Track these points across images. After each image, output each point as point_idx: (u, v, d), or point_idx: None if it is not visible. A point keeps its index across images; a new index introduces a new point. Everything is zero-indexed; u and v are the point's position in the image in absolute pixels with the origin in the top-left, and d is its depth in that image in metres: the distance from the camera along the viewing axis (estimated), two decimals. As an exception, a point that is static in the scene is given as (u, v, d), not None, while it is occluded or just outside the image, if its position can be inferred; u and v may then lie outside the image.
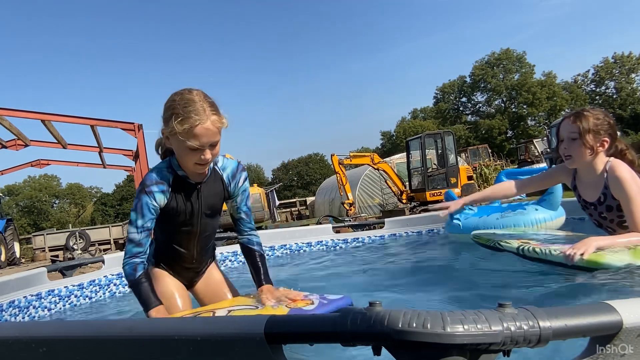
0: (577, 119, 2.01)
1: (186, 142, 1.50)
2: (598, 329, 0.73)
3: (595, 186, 2.08)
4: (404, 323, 0.69)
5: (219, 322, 0.88)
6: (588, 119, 1.99)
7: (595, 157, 2.02)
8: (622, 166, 1.98)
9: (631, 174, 1.95)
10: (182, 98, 1.53)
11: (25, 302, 2.62)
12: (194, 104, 1.51)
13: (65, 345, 0.94)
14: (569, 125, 2.03)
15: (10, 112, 8.85)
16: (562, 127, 2.08)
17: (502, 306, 0.72)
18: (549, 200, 3.00)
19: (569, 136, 2.02)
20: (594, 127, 1.99)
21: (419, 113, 54.33)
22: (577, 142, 2.00)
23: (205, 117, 1.50)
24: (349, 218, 11.57)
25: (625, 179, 1.93)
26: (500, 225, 2.99)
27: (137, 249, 1.61)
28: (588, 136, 1.98)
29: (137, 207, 1.60)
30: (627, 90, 43.76)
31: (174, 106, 1.53)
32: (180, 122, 1.48)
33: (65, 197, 51.40)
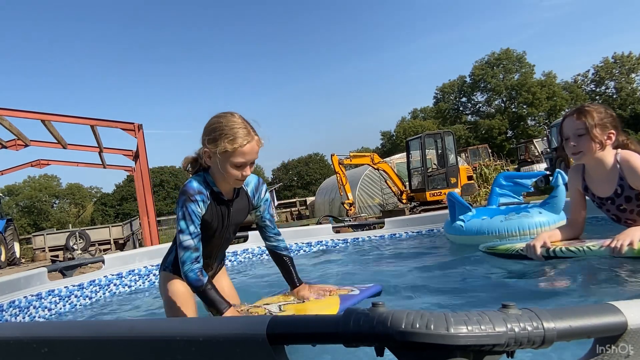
0: (581, 115, 2.01)
1: (233, 159, 1.69)
2: (602, 330, 0.73)
3: (609, 180, 2.08)
4: (407, 324, 0.68)
5: (221, 323, 0.87)
6: (592, 114, 2.00)
7: (604, 151, 2.02)
8: (634, 155, 1.98)
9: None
10: (228, 120, 1.72)
11: (26, 302, 2.61)
12: (240, 125, 1.72)
13: (66, 346, 0.94)
14: (573, 122, 2.03)
15: (10, 112, 8.84)
16: (566, 125, 2.07)
17: (505, 307, 0.71)
18: (552, 204, 2.98)
19: (575, 133, 2.02)
20: (599, 121, 2.00)
21: (419, 113, 54.35)
22: (585, 137, 2.00)
23: (251, 137, 1.72)
24: (349, 218, 11.57)
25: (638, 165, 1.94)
26: (504, 228, 2.95)
27: (195, 254, 1.72)
28: (595, 130, 1.98)
29: (185, 215, 1.72)
30: (627, 90, 43.77)
31: (221, 127, 1.70)
32: (230, 141, 1.68)
33: (65, 197, 51.39)
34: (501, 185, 3.38)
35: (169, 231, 25.35)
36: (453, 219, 3.23)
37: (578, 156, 2.05)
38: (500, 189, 3.38)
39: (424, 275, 2.59)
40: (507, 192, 3.36)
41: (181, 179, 45.39)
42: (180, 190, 1.76)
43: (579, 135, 2.01)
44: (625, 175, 1.99)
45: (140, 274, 3.33)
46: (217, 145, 1.69)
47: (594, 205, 2.27)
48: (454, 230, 3.24)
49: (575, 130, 2.02)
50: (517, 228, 2.93)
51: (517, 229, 2.93)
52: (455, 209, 3.22)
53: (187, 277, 1.71)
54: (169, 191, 46.26)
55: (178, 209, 1.75)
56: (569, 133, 2.05)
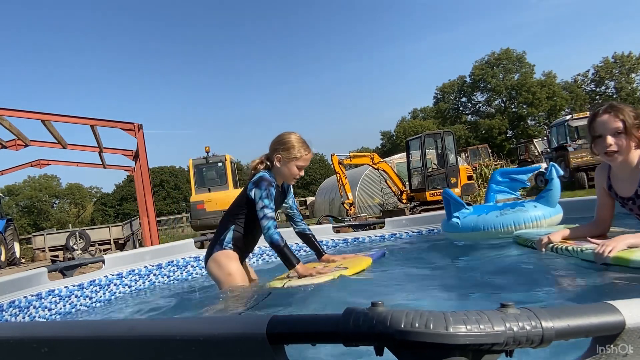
0: (618, 112, 1.96)
1: (299, 163, 2.49)
2: (600, 330, 0.73)
3: (631, 180, 2.06)
4: (406, 323, 0.69)
5: (221, 322, 0.88)
6: (629, 112, 1.96)
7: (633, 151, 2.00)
8: None
9: None
10: (297, 138, 2.52)
11: (26, 302, 2.62)
12: (304, 142, 2.53)
13: (67, 346, 0.94)
14: (611, 119, 1.97)
15: (10, 112, 8.84)
16: (600, 124, 2.00)
17: (504, 306, 0.72)
18: (547, 197, 2.99)
19: (613, 131, 1.96)
20: (635, 119, 1.97)
21: (419, 113, 54.33)
22: (623, 136, 1.95)
23: (309, 150, 2.53)
24: (349, 218, 11.57)
25: None
26: (500, 223, 2.96)
27: (274, 222, 2.36)
28: (632, 129, 1.94)
29: (268, 195, 2.37)
30: (627, 90, 43.74)
31: (292, 142, 2.49)
32: (299, 151, 2.47)
33: (65, 197, 51.37)
34: (497, 181, 3.38)
35: (169, 231, 25.38)
36: (449, 216, 3.23)
37: (615, 156, 1.99)
38: (497, 185, 3.38)
39: (424, 274, 2.59)
40: (503, 189, 3.36)
41: (181, 178, 45.42)
42: (259, 178, 2.41)
43: (618, 133, 1.96)
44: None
45: (140, 274, 3.33)
46: (290, 153, 2.46)
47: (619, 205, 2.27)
48: (450, 227, 3.24)
49: (614, 129, 1.96)
50: (512, 223, 2.93)
51: (513, 224, 2.93)
52: (450, 206, 3.23)
53: (272, 238, 2.31)
54: (168, 191, 46.24)
55: (261, 191, 2.37)
56: (606, 131, 1.98)
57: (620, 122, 1.95)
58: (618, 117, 1.95)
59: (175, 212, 39.48)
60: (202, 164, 13.29)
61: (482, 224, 3.03)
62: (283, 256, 2.32)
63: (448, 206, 3.24)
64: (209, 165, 13.33)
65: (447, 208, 3.27)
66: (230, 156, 13.60)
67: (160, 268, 3.45)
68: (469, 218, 3.14)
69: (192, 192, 13.13)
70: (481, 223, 3.04)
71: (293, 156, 2.46)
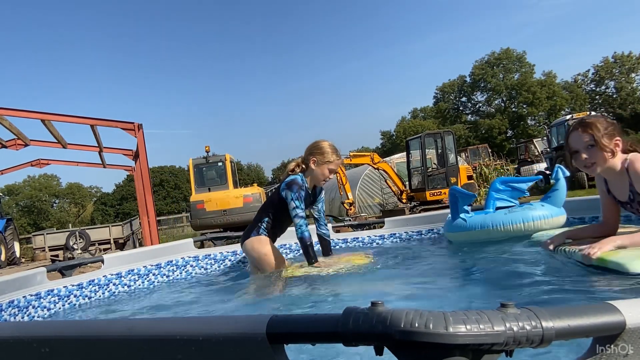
0: (586, 127, 2.04)
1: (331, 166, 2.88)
2: (601, 330, 0.73)
3: (622, 185, 2.11)
4: (406, 323, 0.69)
5: (221, 322, 0.87)
6: (597, 125, 2.03)
7: (614, 158, 2.05)
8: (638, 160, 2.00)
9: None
10: (330, 145, 2.92)
11: (25, 301, 2.61)
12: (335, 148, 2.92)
13: (66, 345, 0.94)
14: (581, 135, 2.05)
15: (10, 112, 8.83)
16: (573, 139, 2.10)
17: (504, 306, 0.72)
18: (554, 197, 2.99)
19: (585, 145, 2.04)
20: (605, 130, 2.02)
21: (419, 113, 54.31)
22: (595, 149, 2.02)
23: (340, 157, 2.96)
24: (348, 218, 11.56)
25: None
26: (508, 221, 2.96)
27: (305, 221, 2.75)
28: (604, 140, 2.01)
29: (299, 197, 2.75)
30: (627, 89, 43.73)
31: (326, 148, 2.89)
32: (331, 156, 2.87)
33: (65, 197, 51.34)
34: (498, 190, 3.36)
35: (169, 231, 25.36)
36: (454, 215, 3.19)
37: (592, 168, 2.07)
38: (497, 193, 3.37)
39: (423, 274, 2.59)
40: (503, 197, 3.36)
41: (181, 178, 45.41)
42: (292, 181, 2.78)
43: (590, 146, 2.04)
44: (632, 180, 2.02)
45: (139, 274, 3.33)
46: (324, 157, 2.86)
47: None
48: (455, 227, 3.20)
49: (585, 143, 2.04)
50: (520, 220, 2.93)
51: (521, 221, 2.93)
52: (457, 205, 3.18)
53: (303, 235, 2.71)
54: (168, 191, 46.23)
55: (293, 193, 2.75)
56: (579, 146, 2.07)
57: (589, 136, 2.02)
58: (587, 131, 2.03)
59: (175, 211, 39.47)
60: (202, 164, 13.27)
61: (490, 222, 3.02)
62: (306, 252, 2.74)
63: (454, 204, 3.19)
64: (209, 165, 13.32)
65: (452, 207, 3.22)
66: (230, 156, 13.59)
67: (159, 268, 3.44)
68: (476, 216, 3.12)
69: (192, 192, 13.11)
70: (489, 221, 3.03)
71: (327, 160, 2.87)
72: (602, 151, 2.02)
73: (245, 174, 48.28)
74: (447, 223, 3.40)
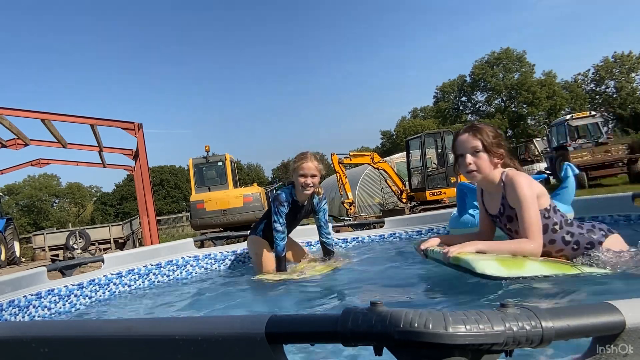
0: (477, 132, 2.01)
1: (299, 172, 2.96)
2: (600, 329, 0.73)
3: (496, 198, 2.08)
4: (405, 323, 0.69)
5: (220, 322, 0.87)
6: (487, 132, 2.01)
7: (496, 169, 2.03)
8: (519, 174, 1.99)
9: (528, 181, 1.96)
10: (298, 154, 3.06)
11: (25, 301, 2.61)
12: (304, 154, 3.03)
13: (66, 345, 0.94)
14: (470, 139, 2.02)
15: (10, 112, 8.84)
16: (460, 143, 2.05)
17: (504, 306, 0.72)
18: (563, 195, 2.95)
19: (472, 150, 2.01)
20: (494, 139, 2.01)
21: (419, 112, 54.32)
22: (482, 154, 1.99)
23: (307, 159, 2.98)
24: (348, 217, 11.56)
25: (520, 183, 1.93)
26: None
27: (282, 235, 2.99)
28: (492, 148, 1.99)
29: (278, 212, 2.99)
30: (627, 89, 43.69)
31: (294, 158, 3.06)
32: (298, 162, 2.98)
33: (65, 197, 51.34)
34: None
35: (169, 230, 25.36)
36: (461, 212, 3.13)
37: (474, 174, 2.03)
38: None
39: (423, 274, 2.59)
40: None
41: (181, 178, 45.45)
42: (274, 197, 3.04)
43: (476, 152, 2.00)
44: (506, 193, 1.99)
45: (140, 274, 3.33)
46: (293, 168, 3.03)
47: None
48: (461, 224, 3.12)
49: (472, 148, 2.00)
50: None
51: None
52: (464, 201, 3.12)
53: (277, 246, 2.98)
54: (168, 190, 46.23)
55: (273, 208, 3.01)
56: (465, 150, 2.02)
57: (478, 141, 1.99)
58: (476, 136, 1.99)
59: (175, 211, 39.48)
60: (202, 164, 13.26)
61: None
62: (278, 262, 3.01)
63: (462, 200, 3.13)
64: (209, 165, 13.31)
65: (460, 202, 3.16)
66: (230, 155, 13.58)
67: (159, 267, 3.44)
68: None
69: (192, 192, 13.10)
70: None
71: (293, 169, 3.04)
72: (488, 158, 1.99)
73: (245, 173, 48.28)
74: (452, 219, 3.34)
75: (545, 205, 1.99)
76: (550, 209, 2.00)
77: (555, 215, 2.01)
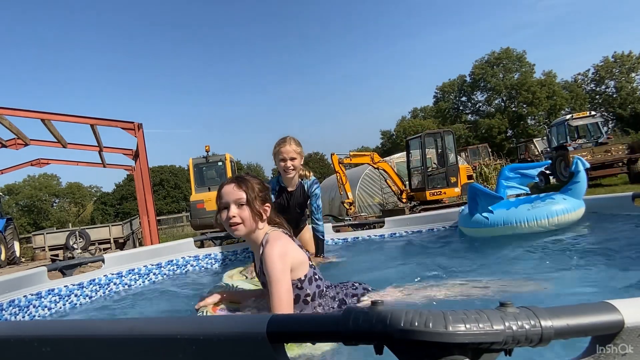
0: (242, 184, 1.90)
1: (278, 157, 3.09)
2: (599, 329, 0.73)
3: (257, 257, 1.95)
4: (406, 322, 0.69)
5: (221, 322, 0.88)
6: (253, 184, 1.92)
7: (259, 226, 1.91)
8: (276, 242, 1.83)
9: (283, 250, 1.80)
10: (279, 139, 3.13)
11: (25, 301, 2.62)
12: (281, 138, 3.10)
13: (67, 345, 0.94)
14: (234, 190, 1.90)
15: (10, 111, 8.83)
16: (225, 193, 1.92)
17: (503, 305, 0.72)
18: (574, 189, 2.94)
19: (236, 202, 1.88)
20: (259, 192, 1.92)
21: (419, 112, 54.30)
22: (245, 208, 1.88)
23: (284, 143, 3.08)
24: (349, 217, 11.56)
25: (272, 256, 1.77)
26: (532, 217, 2.89)
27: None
28: (256, 202, 1.89)
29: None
30: (627, 89, 43.68)
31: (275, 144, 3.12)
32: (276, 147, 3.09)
33: (65, 196, 51.32)
34: (507, 177, 3.32)
35: (169, 230, 25.35)
36: (472, 212, 3.13)
37: (237, 227, 1.89)
38: (506, 181, 3.31)
39: (423, 273, 2.60)
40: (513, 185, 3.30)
41: (181, 178, 45.44)
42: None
43: (240, 205, 1.88)
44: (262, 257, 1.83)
45: (140, 273, 3.33)
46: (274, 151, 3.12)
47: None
48: (473, 223, 3.13)
49: (237, 200, 1.88)
50: (545, 216, 2.87)
51: (546, 217, 2.87)
52: (476, 202, 3.12)
53: None
54: (168, 190, 46.22)
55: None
56: (229, 201, 1.89)
57: (243, 193, 1.88)
58: (241, 187, 1.89)
59: (175, 211, 39.48)
60: (202, 163, 13.27)
61: (514, 218, 2.93)
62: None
63: (473, 201, 3.15)
64: (209, 165, 13.32)
65: (471, 203, 3.18)
66: (230, 155, 13.59)
67: (159, 267, 3.45)
68: (499, 213, 3.03)
69: (192, 192, 13.12)
70: (512, 217, 2.94)
71: (274, 154, 3.15)
72: (252, 213, 1.88)
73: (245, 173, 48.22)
74: (463, 217, 3.32)
75: (300, 275, 1.85)
76: (305, 280, 1.86)
77: (310, 287, 1.87)
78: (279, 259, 1.77)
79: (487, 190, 3.14)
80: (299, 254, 1.89)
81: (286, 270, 1.76)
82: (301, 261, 1.87)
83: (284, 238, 1.89)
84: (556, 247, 2.71)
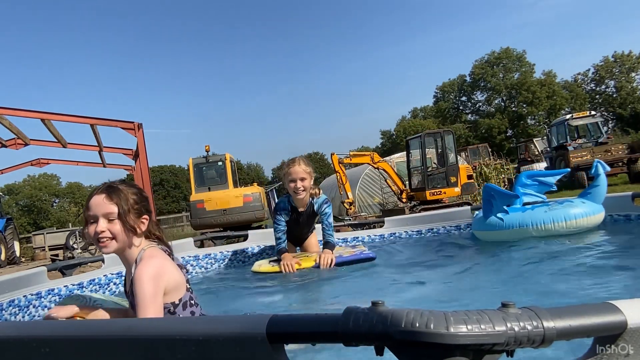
0: (113, 195, 1.67)
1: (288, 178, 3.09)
2: (602, 329, 0.73)
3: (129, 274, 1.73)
4: (407, 323, 0.68)
5: (221, 322, 0.87)
6: (127, 195, 1.69)
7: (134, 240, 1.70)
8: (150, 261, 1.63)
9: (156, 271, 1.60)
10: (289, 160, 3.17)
11: (25, 301, 2.61)
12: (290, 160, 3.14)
13: (66, 345, 0.94)
14: (104, 202, 1.65)
15: (10, 111, 8.83)
16: (94, 204, 1.67)
17: (505, 306, 0.71)
18: (594, 193, 2.85)
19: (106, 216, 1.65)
20: (134, 204, 1.69)
21: (419, 112, 54.32)
22: (117, 222, 1.65)
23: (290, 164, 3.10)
24: (348, 217, 11.55)
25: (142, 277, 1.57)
26: (550, 219, 2.82)
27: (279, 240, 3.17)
28: (130, 216, 1.66)
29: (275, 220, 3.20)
30: (627, 89, 43.68)
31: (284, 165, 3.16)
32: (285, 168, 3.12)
33: (65, 196, 51.34)
34: (524, 184, 3.23)
35: (169, 230, 25.32)
36: (487, 214, 3.05)
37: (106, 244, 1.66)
38: (523, 188, 3.22)
39: (424, 274, 2.59)
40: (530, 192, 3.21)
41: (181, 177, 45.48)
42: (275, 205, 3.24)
43: (110, 220, 1.65)
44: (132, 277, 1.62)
45: (140, 273, 3.32)
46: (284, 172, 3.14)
47: None
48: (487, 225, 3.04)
49: (107, 213, 1.65)
50: (562, 218, 2.81)
51: (563, 219, 2.80)
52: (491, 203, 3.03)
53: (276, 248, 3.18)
54: (169, 190, 46.24)
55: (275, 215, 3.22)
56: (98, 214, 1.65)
57: (114, 206, 1.65)
58: (112, 200, 1.66)
59: (175, 211, 39.47)
60: (202, 163, 13.25)
61: (530, 220, 2.86)
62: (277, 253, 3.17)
63: (488, 203, 3.07)
64: (209, 165, 13.29)
65: (486, 205, 3.10)
66: (230, 155, 13.57)
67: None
68: (515, 215, 2.95)
69: (192, 191, 13.10)
70: (528, 219, 2.87)
71: (283, 175, 3.17)
72: (124, 228, 1.65)
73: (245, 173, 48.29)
74: (477, 221, 3.24)
75: (174, 299, 1.65)
76: (179, 304, 1.66)
77: (184, 312, 1.68)
78: (151, 280, 1.56)
79: (502, 190, 3.07)
80: (176, 276, 1.67)
81: (158, 294, 1.57)
82: (177, 283, 1.66)
83: (159, 256, 1.67)
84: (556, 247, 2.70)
